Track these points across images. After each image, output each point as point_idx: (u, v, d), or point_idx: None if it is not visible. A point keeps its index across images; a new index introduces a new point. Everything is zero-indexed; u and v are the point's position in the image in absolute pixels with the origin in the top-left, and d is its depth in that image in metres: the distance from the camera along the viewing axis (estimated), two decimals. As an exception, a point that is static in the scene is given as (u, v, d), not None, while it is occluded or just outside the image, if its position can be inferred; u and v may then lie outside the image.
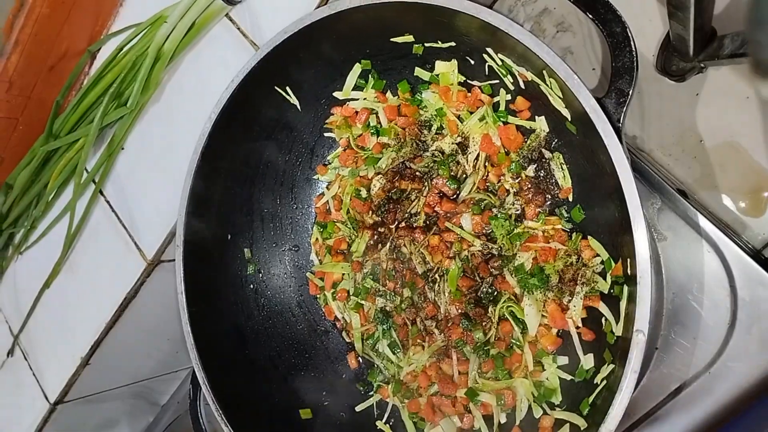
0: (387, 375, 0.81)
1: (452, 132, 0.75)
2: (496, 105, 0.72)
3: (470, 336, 0.73)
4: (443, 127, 0.76)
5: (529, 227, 0.70)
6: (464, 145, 0.75)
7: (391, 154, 0.79)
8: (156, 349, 1.08)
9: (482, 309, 0.73)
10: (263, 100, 0.77)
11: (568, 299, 0.66)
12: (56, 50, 0.93)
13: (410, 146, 0.78)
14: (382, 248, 0.80)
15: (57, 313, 0.98)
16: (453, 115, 0.75)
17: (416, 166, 0.77)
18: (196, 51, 0.86)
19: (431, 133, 0.77)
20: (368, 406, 0.81)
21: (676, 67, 0.71)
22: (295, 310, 0.87)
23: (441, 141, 0.76)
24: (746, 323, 0.65)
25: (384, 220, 0.80)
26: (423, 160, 0.77)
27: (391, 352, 0.80)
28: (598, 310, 0.65)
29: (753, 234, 0.69)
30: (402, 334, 0.79)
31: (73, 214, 0.91)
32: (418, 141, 0.77)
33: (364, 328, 0.82)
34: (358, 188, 0.81)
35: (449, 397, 0.75)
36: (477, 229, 0.74)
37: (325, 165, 0.86)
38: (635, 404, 0.69)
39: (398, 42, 0.71)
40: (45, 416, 0.99)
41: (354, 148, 0.82)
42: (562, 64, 0.54)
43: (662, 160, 0.74)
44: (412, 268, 0.78)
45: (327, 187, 0.86)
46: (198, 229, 0.78)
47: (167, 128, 0.88)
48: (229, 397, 0.74)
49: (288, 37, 0.69)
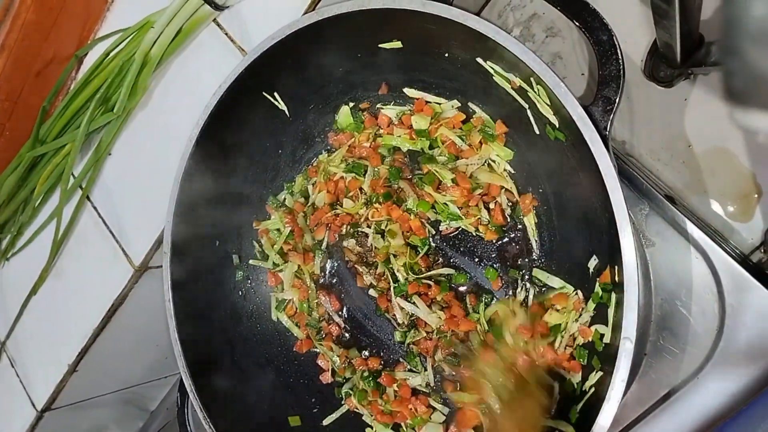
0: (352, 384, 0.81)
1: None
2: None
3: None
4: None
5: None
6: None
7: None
8: (144, 356, 1.07)
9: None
10: (251, 105, 0.76)
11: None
12: (43, 55, 0.92)
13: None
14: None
15: (44, 320, 0.97)
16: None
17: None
18: (183, 56, 0.85)
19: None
20: (337, 416, 0.81)
21: (664, 73, 0.71)
22: (283, 317, 0.86)
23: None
24: (734, 329, 0.65)
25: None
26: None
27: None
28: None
29: (741, 239, 0.70)
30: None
31: (59, 219, 0.91)
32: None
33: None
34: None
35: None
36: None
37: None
38: (624, 410, 0.69)
39: (386, 48, 0.71)
40: (32, 423, 0.99)
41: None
42: (549, 72, 0.54)
43: (651, 165, 0.74)
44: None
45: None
46: (186, 236, 0.77)
47: (155, 134, 0.87)
48: (217, 404, 0.73)
49: (276, 43, 0.69)
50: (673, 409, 0.67)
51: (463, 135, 0.73)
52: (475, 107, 0.73)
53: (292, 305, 0.85)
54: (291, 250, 0.83)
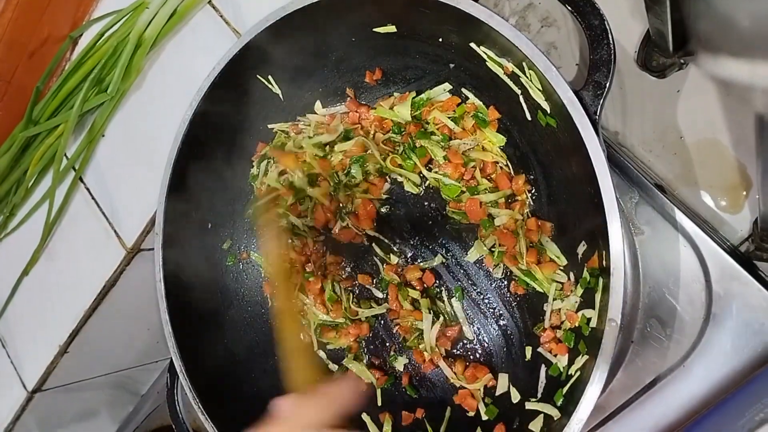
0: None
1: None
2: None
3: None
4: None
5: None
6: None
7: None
8: (136, 339, 1.07)
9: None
10: (245, 88, 0.76)
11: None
12: (37, 36, 0.91)
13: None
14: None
15: (35, 301, 0.98)
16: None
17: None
18: (178, 38, 0.85)
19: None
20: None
21: (656, 63, 0.71)
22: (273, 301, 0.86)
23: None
24: (720, 318, 0.66)
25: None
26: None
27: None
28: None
29: (731, 230, 0.70)
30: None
31: (52, 201, 0.91)
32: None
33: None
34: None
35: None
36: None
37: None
38: (610, 397, 0.69)
39: (380, 32, 0.71)
40: (23, 404, 0.99)
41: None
42: (541, 56, 0.54)
43: (643, 156, 0.75)
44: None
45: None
46: (178, 218, 0.78)
47: (148, 115, 0.87)
48: (207, 385, 0.74)
49: (270, 25, 0.69)
50: (658, 396, 0.68)
51: (456, 118, 0.74)
52: (468, 93, 0.73)
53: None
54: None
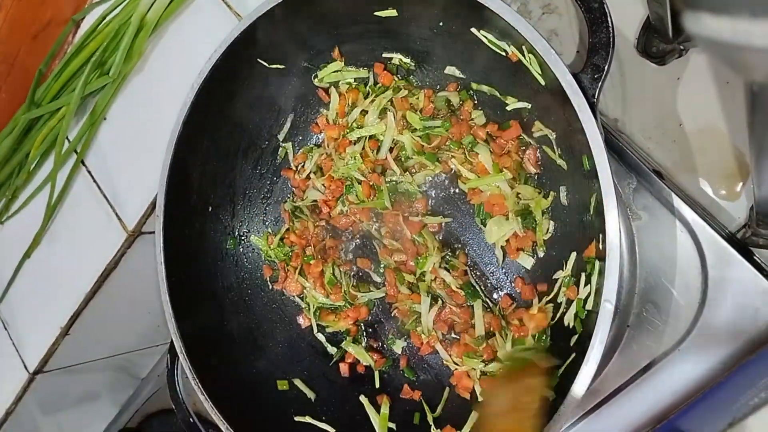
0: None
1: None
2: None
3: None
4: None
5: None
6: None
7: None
8: (136, 322, 1.08)
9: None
10: (247, 71, 0.76)
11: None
12: (40, 18, 0.92)
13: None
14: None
15: (37, 283, 0.98)
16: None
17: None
18: (179, 21, 0.85)
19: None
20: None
21: (656, 49, 0.71)
22: (272, 284, 0.87)
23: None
24: (716, 303, 0.66)
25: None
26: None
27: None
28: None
29: (728, 217, 0.70)
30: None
31: (54, 184, 0.91)
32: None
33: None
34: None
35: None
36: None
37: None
38: (605, 381, 0.70)
39: (381, 16, 0.71)
40: (24, 385, 1.00)
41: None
42: (540, 39, 0.55)
43: (642, 143, 0.75)
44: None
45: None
46: (178, 201, 0.78)
47: (150, 98, 0.87)
48: (206, 366, 0.74)
49: (272, 8, 0.69)
50: (653, 380, 0.68)
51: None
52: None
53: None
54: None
